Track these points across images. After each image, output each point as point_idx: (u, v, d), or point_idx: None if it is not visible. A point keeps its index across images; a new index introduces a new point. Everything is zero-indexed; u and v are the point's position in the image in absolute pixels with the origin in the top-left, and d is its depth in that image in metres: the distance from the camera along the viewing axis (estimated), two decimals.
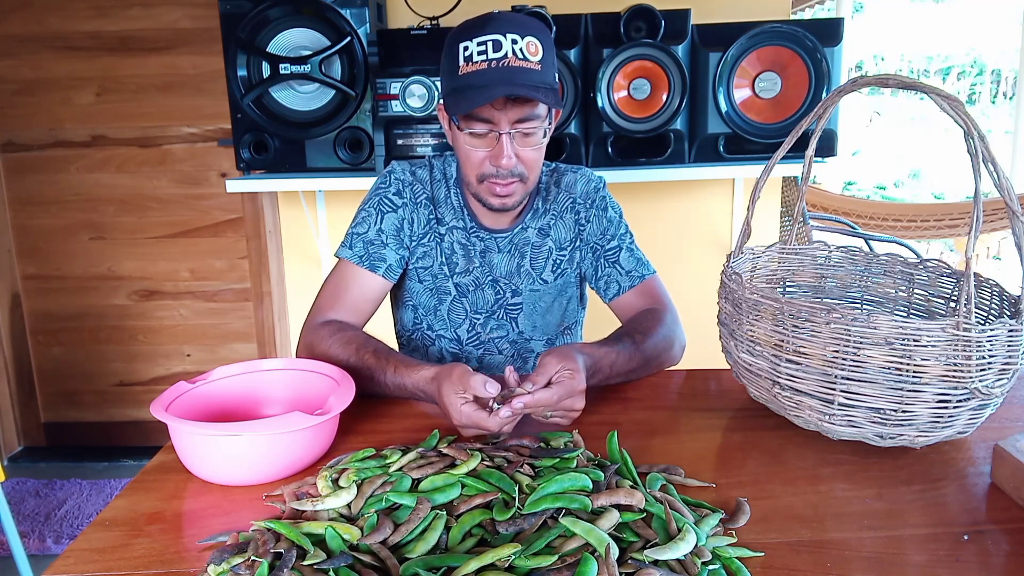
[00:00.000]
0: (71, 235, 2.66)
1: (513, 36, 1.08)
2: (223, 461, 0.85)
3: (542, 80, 1.10)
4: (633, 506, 0.73)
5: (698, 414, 1.05)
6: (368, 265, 1.23)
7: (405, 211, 1.26)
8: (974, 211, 0.79)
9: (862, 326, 0.82)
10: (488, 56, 1.08)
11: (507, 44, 1.07)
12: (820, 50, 1.83)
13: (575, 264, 1.33)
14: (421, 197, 1.27)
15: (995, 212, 3.28)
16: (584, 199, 1.31)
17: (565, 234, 1.32)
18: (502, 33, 1.08)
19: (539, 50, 1.10)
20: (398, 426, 1.02)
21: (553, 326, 1.35)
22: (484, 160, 1.16)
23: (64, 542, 2.21)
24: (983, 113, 8.70)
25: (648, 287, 1.29)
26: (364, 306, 1.25)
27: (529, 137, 1.15)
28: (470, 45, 1.09)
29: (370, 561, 0.66)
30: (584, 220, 1.31)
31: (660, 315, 1.23)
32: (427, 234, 1.28)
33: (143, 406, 2.77)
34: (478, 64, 1.08)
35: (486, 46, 1.08)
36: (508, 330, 1.32)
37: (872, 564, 0.69)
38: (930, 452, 0.91)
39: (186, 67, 2.50)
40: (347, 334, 1.14)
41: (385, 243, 1.24)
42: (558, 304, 1.34)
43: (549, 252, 1.31)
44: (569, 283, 1.34)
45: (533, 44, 1.09)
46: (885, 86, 0.90)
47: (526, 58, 1.08)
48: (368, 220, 1.25)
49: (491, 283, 1.30)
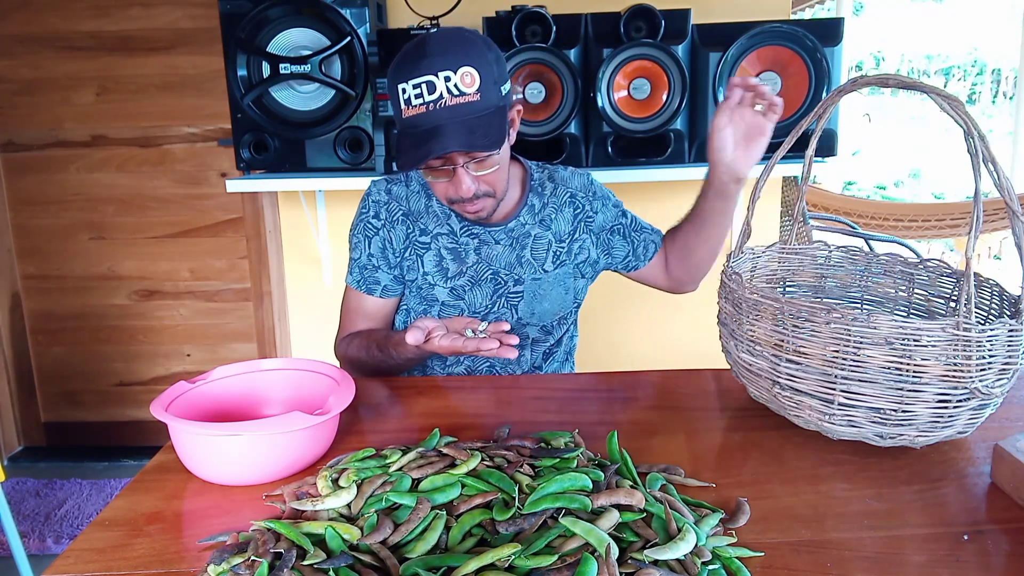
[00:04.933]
0: (71, 235, 2.66)
1: (446, 73, 1.08)
2: (223, 461, 0.85)
3: (484, 108, 1.11)
4: (633, 506, 0.73)
5: (698, 414, 1.05)
6: (365, 289, 1.33)
7: (384, 231, 1.32)
8: (974, 211, 0.79)
9: (862, 326, 0.82)
10: (424, 99, 1.09)
11: (440, 84, 1.08)
12: (820, 50, 1.83)
13: (573, 255, 1.36)
14: (397, 215, 1.32)
15: (995, 212, 3.28)
16: (583, 192, 1.37)
17: (564, 227, 1.35)
18: (434, 73, 1.08)
19: (475, 79, 1.10)
20: (398, 426, 1.02)
21: (550, 314, 1.37)
22: (447, 188, 1.20)
23: (64, 542, 2.21)
24: (983, 113, 8.71)
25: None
26: (377, 322, 1.36)
27: (484, 163, 1.17)
28: (407, 88, 1.10)
29: (370, 561, 0.66)
30: (591, 212, 1.36)
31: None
32: (408, 248, 1.32)
33: (143, 406, 2.77)
34: (416, 108, 1.10)
35: (421, 89, 1.09)
36: (507, 317, 1.36)
37: (872, 564, 0.69)
38: (930, 452, 0.91)
39: (186, 67, 2.50)
40: (360, 338, 1.30)
41: (377, 266, 1.32)
42: (556, 293, 1.36)
43: (549, 244, 1.34)
44: (568, 274, 1.36)
45: (468, 75, 1.09)
46: (885, 86, 0.90)
47: (462, 92, 1.09)
48: (359, 246, 1.33)
49: (491, 276, 1.33)
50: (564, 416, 1.04)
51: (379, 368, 1.27)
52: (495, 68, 1.13)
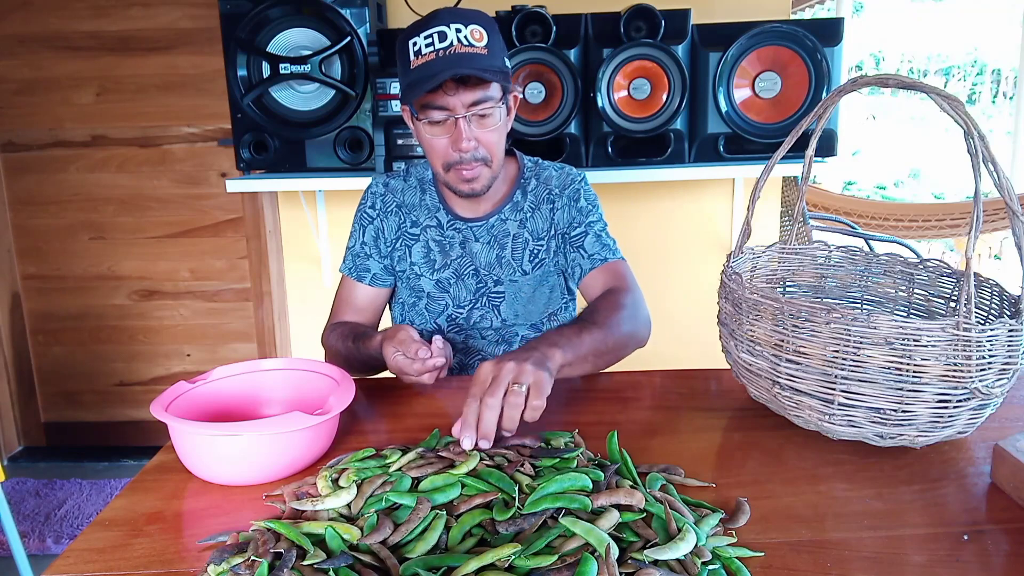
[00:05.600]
0: (71, 235, 2.66)
1: (457, 25, 1.13)
2: (223, 461, 0.85)
3: (490, 64, 1.15)
4: (633, 506, 0.72)
5: (698, 414, 1.05)
6: (356, 276, 1.37)
7: (378, 222, 1.36)
8: (974, 211, 0.79)
9: (862, 326, 0.82)
10: (435, 47, 1.12)
11: (451, 34, 1.12)
12: (820, 50, 1.83)
13: (552, 254, 1.35)
14: (391, 206, 1.37)
15: (995, 212, 3.28)
16: (560, 189, 1.35)
17: (541, 224, 1.35)
18: (446, 24, 1.13)
19: (484, 36, 1.14)
20: (398, 426, 1.02)
21: (537, 313, 1.37)
22: (446, 148, 1.21)
23: (64, 542, 2.21)
24: (983, 113, 8.70)
25: (611, 268, 1.28)
26: (367, 312, 1.38)
27: (485, 119, 1.19)
28: (418, 40, 1.14)
29: (370, 561, 0.66)
30: (556, 209, 1.34)
31: (617, 298, 1.20)
32: (399, 239, 1.36)
33: (143, 406, 2.77)
34: (426, 56, 1.13)
35: (432, 38, 1.13)
36: (492, 319, 1.36)
37: (872, 564, 0.69)
38: (930, 452, 0.91)
39: (186, 67, 2.50)
40: (344, 329, 1.29)
41: (368, 254, 1.36)
42: (540, 293, 1.36)
43: (526, 243, 1.34)
44: (549, 273, 1.36)
45: (477, 31, 1.14)
46: (885, 86, 0.89)
47: (471, 44, 1.13)
48: (355, 235, 1.38)
49: (473, 272, 1.34)
50: (564, 416, 1.04)
51: (349, 361, 1.24)
52: (501, 42, 1.19)
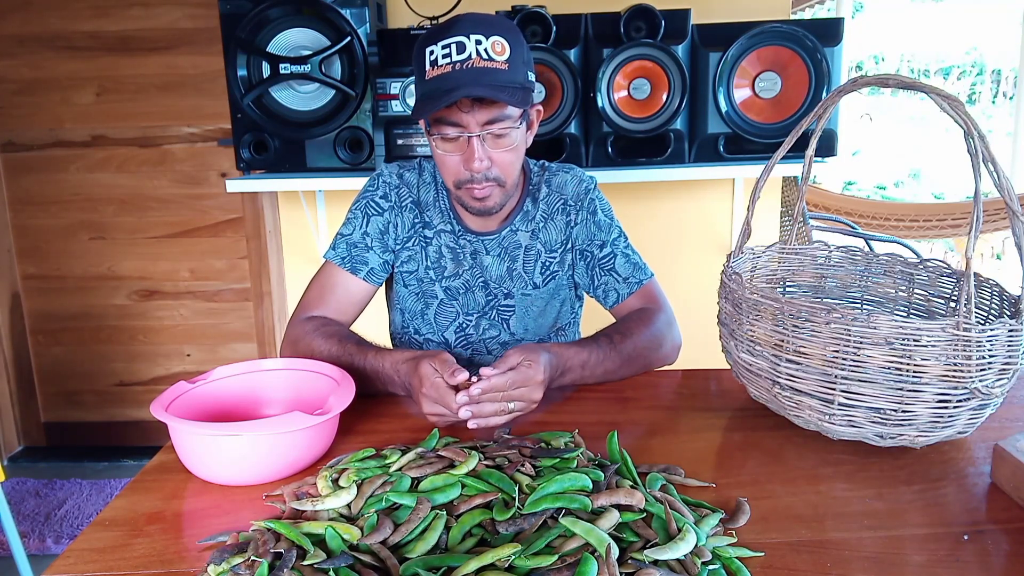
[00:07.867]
0: (71, 235, 2.66)
1: (477, 37, 1.06)
2: (223, 461, 0.85)
3: (510, 80, 1.08)
4: (633, 506, 0.73)
5: (698, 414, 1.05)
6: (350, 267, 1.24)
7: (390, 215, 1.27)
8: (974, 211, 0.79)
9: (862, 326, 0.82)
10: (452, 59, 1.06)
11: (471, 45, 1.05)
12: (820, 50, 1.83)
13: (566, 267, 1.31)
14: (407, 201, 1.27)
15: (996, 212, 3.27)
16: (575, 201, 1.29)
17: (556, 236, 1.29)
18: (466, 35, 1.06)
19: (506, 49, 1.07)
20: (398, 426, 1.02)
21: (546, 328, 1.34)
22: (458, 165, 1.14)
23: (64, 542, 2.21)
24: (983, 113, 8.70)
25: (646, 291, 1.28)
26: (348, 308, 1.25)
27: (501, 139, 1.13)
28: (435, 49, 1.07)
29: (370, 561, 0.66)
30: (573, 223, 1.29)
31: (650, 315, 1.21)
32: (412, 238, 1.28)
33: (143, 406, 2.77)
34: (443, 68, 1.06)
35: (450, 49, 1.06)
36: (500, 331, 1.31)
37: (872, 564, 0.69)
38: (930, 452, 0.91)
39: (186, 67, 2.50)
40: (330, 328, 1.16)
41: (369, 246, 1.25)
42: (551, 307, 1.32)
43: (538, 255, 1.29)
44: (561, 286, 1.32)
45: (499, 44, 1.07)
46: (885, 86, 0.89)
47: (491, 58, 1.06)
48: (354, 222, 1.26)
49: (482, 285, 1.29)
50: (564, 416, 1.04)
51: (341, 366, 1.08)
52: (525, 53, 1.12)
